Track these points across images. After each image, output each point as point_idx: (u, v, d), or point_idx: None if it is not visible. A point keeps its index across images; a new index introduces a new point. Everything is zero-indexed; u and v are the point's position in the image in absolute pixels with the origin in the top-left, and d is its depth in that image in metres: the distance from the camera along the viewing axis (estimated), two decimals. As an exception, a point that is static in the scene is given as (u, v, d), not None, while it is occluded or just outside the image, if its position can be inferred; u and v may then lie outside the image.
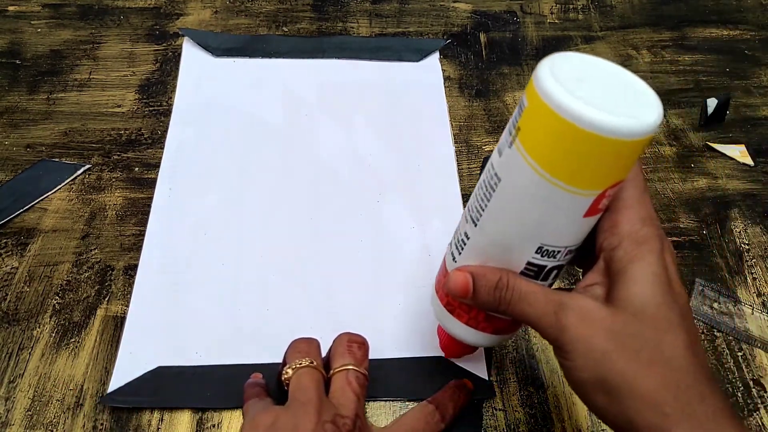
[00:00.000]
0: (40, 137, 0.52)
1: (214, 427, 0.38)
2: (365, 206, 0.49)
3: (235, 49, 0.59)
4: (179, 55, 0.59)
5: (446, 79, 0.59)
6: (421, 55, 0.60)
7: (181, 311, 0.42)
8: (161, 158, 0.50)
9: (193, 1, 0.65)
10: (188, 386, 0.39)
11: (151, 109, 0.54)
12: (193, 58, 0.59)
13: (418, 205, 0.49)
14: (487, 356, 0.41)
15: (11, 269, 0.44)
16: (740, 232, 0.49)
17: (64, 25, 0.61)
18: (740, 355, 0.42)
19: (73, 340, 0.41)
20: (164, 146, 0.51)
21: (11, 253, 0.45)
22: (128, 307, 0.42)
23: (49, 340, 0.41)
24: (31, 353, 0.40)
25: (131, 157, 0.51)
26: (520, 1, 0.69)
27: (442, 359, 0.40)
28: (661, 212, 0.50)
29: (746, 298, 0.45)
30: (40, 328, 0.41)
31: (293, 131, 0.53)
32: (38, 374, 0.39)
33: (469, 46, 0.63)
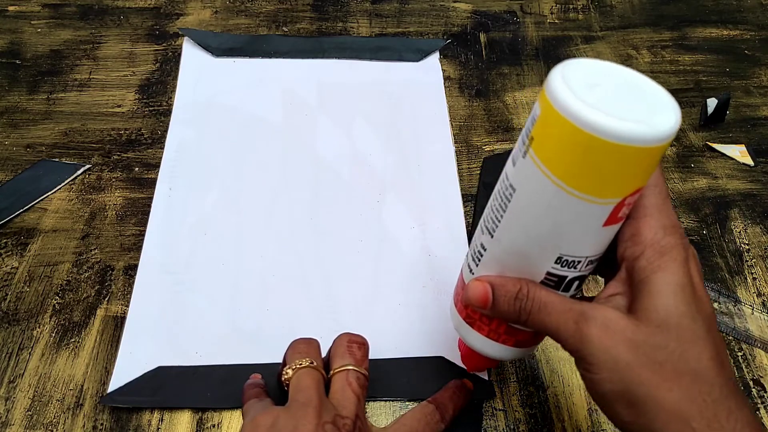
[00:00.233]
0: (40, 137, 0.52)
1: (214, 427, 0.38)
2: (365, 206, 0.49)
3: (235, 49, 0.59)
4: (179, 55, 0.59)
5: (446, 79, 0.59)
6: (421, 55, 0.60)
7: (181, 311, 0.42)
8: (161, 158, 0.50)
9: (193, 1, 0.65)
10: (188, 386, 0.39)
11: (151, 109, 0.54)
12: (193, 58, 0.59)
13: (418, 205, 0.49)
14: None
15: (11, 269, 0.44)
16: (740, 232, 0.49)
17: (64, 25, 0.61)
18: (740, 355, 0.42)
19: (73, 340, 0.41)
20: (164, 146, 0.51)
21: (11, 253, 0.45)
22: (128, 307, 0.42)
23: (49, 340, 0.41)
24: (31, 353, 0.40)
25: (131, 157, 0.51)
26: (520, 1, 0.69)
27: (442, 359, 0.40)
28: (661, 212, 0.50)
29: (746, 298, 0.45)
30: (40, 328, 0.41)
31: (293, 131, 0.53)
32: (38, 374, 0.39)
33: (469, 46, 0.63)
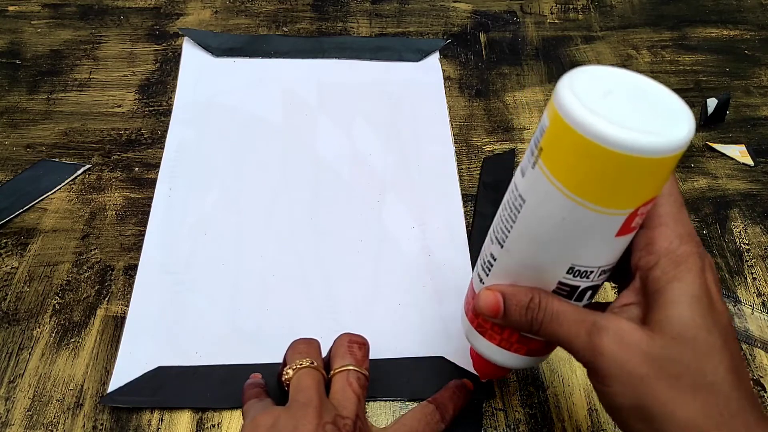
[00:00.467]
0: (40, 137, 0.52)
1: (214, 427, 0.38)
2: (365, 206, 0.49)
3: (235, 49, 0.59)
4: (179, 55, 0.59)
5: (446, 79, 0.59)
6: (421, 55, 0.60)
7: (181, 311, 0.42)
8: (161, 158, 0.50)
9: (193, 1, 0.65)
10: (188, 386, 0.39)
11: (151, 109, 0.54)
12: (193, 58, 0.59)
13: (418, 205, 0.49)
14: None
15: (11, 269, 0.44)
16: (740, 232, 0.49)
17: (64, 25, 0.61)
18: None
19: (73, 340, 0.41)
20: (164, 146, 0.51)
21: (11, 253, 0.45)
22: (128, 307, 0.42)
23: (49, 340, 0.41)
24: (31, 353, 0.40)
25: (131, 157, 0.51)
26: (520, 1, 0.69)
27: (442, 359, 0.40)
28: (661, 212, 0.50)
29: (746, 298, 0.45)
30: (40, 328, 0.41)
31: (293, 131, 0.53)
32: (38, 374, 0.39)
33: (469, 46, 0.63)
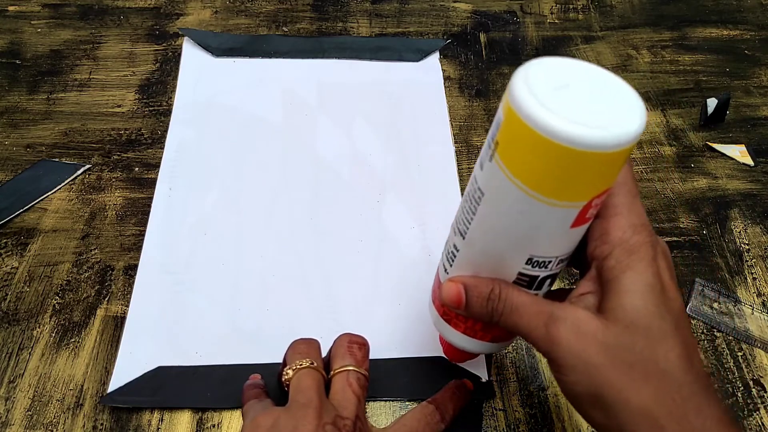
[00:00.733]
0: (40, 137, 0.52)
1: (214, 427, 0.38)
2: (365, 206, 0.49)
3: (235, 49, 0.59)
4: (179, 55, 0.59)
5: (446, 79, 0.59)
6: (421, 55, 0.60)
7: (181, 311, 0.42)
8: (161, 158, 0.50)
9: (193, 1, 0.65)
10: (188, 386, 0.39)
11: (151, 109, 0.54)
12: (193, 58, 0.59)
13: (418, 205, 0.49)
14: (486, 356, 0.41)
15: (11, 269, 0.44)
16: (740, 232, 0.49)
17: (64, 25, 0.61)
18: (740, 355, 0.42)
19: (73, 340, 0.41)
20: (164, 146, 0.51)
21: (11, 253, 0.45)
22: (128, 307, 0.42)
23: (49, 340, 0.41)
24: (31, 353, 0.40)
25: (131, 157, 0.51)
26: (520, 1, 0.69)
27: (442, 359, 0.40)
28: (661, 212, 0.50)
29: (746, 298, 0.45)
30: (40, 328, 0.41)
31: (293, 131, 0.53)
32: (38, 374, 0.39)
33: (469, 46, 0.63)
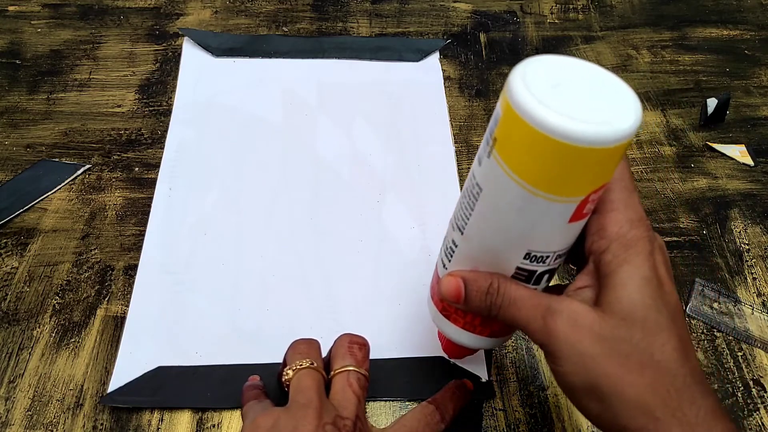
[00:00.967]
0: (40, 137, 0.52)
1: (214, 427, 0.38)
2: (365, 206, 0.49)
3: (235, 49, 0.59)
4: (179, 55, 0.59)
5: (446, 79, 0.59)
6: (421, 55, 0.60)
7: (181, 311, 0.42)
8: (161, 158, 0.50)
9: (193, 1, 0.65)
10: (188, 386, 0.39)
11: (151, 109, 0.54)
12: (193, 58, 0.59)
13: (418, 205, 0.49)
14: (486, 356, 0.41)
15: (11, 269, 0.44)
16: (740, 232, 0.49)
17: (64, 25, 0.61)
18: (740, 355, 0.42)
19: (73, 340, 0.41)
20: (164, 146, 0.51)
21: (11, 253, 0.45)
22: (128, 307, 0.42)
23: (49, 340, 0.41)
24: (31, 353, 0.40)
25: (131, 157, 0.51)
26: (520, 1, 0.69)
27: (441, 359, 0.40)
28: (661, 212, 0.50)
29: (746, 298, 0.45)
30: (40, 328, 0.41)
31: (293, 131, 0.53)
32: (38, 374, 0.39)
33: (469, 46, 0.63)
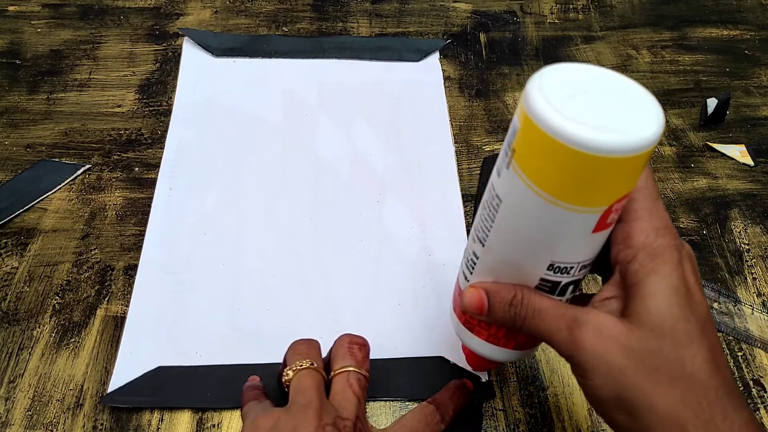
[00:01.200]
0: (40, 137, 0.52)
1: (214, 427, 0.38)
2: (365, 206, 0.48)
3: (235, 49, 0.59)
4: (179, 55, 0.59)
5: (446, 79, 0.59)
6: (421, 55, 0.60)
7: (181, 311, 0.42)
8: (161, 158, 0.50)
9: (193, 1, 0.65)
10: (188, 386, 0.39)
11: (151, 109, 0.54)
12: (193, 58, 0.59)
13: (418, 205, 0.49)
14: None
15: (11, 269, 0.44)
16: (740, 232, 0.49)
17: (64, 25, 0.61)
18: (740, 355, 0.42)
19: (73, 340, 0.41)
20: (164, 146, 0.51)
21: (11, 253, 0.45)
22: (128, 307, 0.42)
23: (49, 340, 0.41)
24: (31, 353, 0.40)
25: (131, 157, 0.51)
26: (520, 1, 0.69)
27: (441, 359, 0.40)
28: (661, 212, 0.50)
29: (746, 298, 0.45)
30: (40, 328, 0.41)
31: (293, 131, 0.53)
32: (38, 374, 0.39)
33: (469, 46, 0.63)
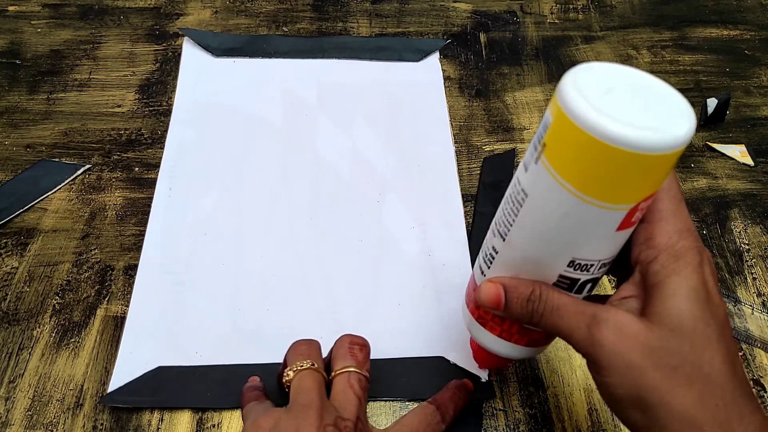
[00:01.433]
0: (40, 137, 0.52)
1: (214, 427, 0.38)
2: (365, 206, 0.48)
3: (235, 49, 0.59)
4: (179, 55, 0.59)
5: (446, 79, 0.59)
6: (421, 55, 0.60)
7: (181, 311, 0.42)
8: (161, 158, 0.50)
9: (193, 1, 0.65)
10: (188, 386, 0.39)
11: (151, 109, 0.54)
12: (193, 58, 0.59)
13: (418, 205, 0.49)
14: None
15: (11, 269, 0.44)
16: (740, 232, 0.49)
17: (64, 25, 0.61)
18: (740, 355, 0.42)
19: (73, 340, 0.41)
20: (164, 146, 0.51)
21: (11, 253, 0.45)
22: (128, 307, 0.42)
23: (49, 340, 0.41)
24: (31, 353, 0.40)
25: (131, 157, 0.51)
26: (520, 1, 0.69)
27: (441, 359, 0.40)
28: (661, 212, 0.50)
29: (746, 298, 0.45)
30: (40, 328, 0.41)
31: (293, 131, 0.53)
32: (38, 374, 0.39)
33: (469, 46, 0.63)
